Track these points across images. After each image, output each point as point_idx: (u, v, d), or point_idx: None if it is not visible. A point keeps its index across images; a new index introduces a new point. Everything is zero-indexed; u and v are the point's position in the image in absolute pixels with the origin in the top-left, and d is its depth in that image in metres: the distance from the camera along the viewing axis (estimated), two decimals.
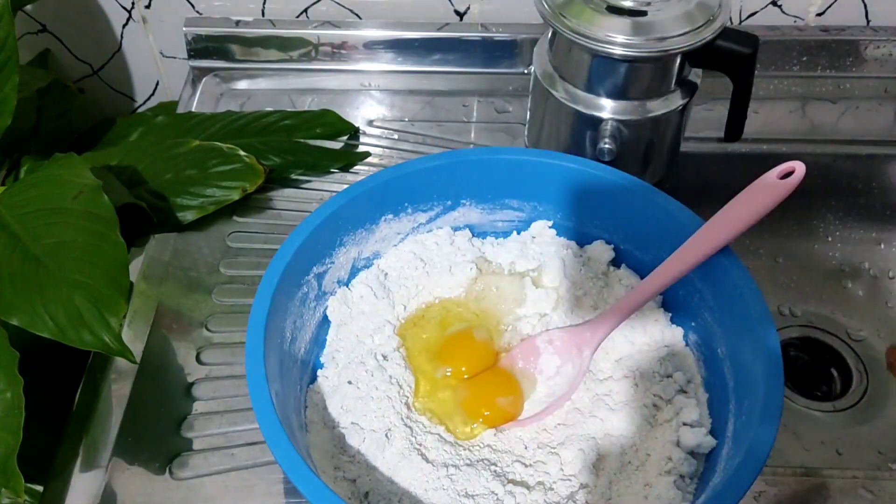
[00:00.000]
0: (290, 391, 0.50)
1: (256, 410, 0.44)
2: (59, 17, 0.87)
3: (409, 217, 0.59)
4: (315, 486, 0.41)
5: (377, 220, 0.58)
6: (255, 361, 0.46)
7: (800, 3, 0.81)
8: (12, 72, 0.66)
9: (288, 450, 0.43)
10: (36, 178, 0.62)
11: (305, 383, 0.54)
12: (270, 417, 0.44)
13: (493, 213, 0.61)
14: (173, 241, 0.68)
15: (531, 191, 0.59)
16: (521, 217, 0.61)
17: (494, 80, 0.83)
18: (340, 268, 0.57)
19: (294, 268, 0.52)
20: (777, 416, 0.44)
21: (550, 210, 0.60)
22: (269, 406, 0.44)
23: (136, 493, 0.53)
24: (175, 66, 0.90)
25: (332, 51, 0.83)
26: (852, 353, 0.68)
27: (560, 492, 0.48)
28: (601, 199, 0.57)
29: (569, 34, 0.60)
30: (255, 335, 0.47)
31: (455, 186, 0.59)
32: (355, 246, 0.57)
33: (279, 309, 0.50)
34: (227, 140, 0.72)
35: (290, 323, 0.52)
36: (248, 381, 0.45)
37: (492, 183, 0.59)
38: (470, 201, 0.60)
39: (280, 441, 0.43)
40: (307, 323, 0.55)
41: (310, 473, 0.42)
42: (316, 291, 0.55)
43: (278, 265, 0.51)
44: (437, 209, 0.60)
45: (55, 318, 0.53)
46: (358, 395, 0.52)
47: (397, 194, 0.58)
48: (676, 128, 0.66)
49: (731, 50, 0.61)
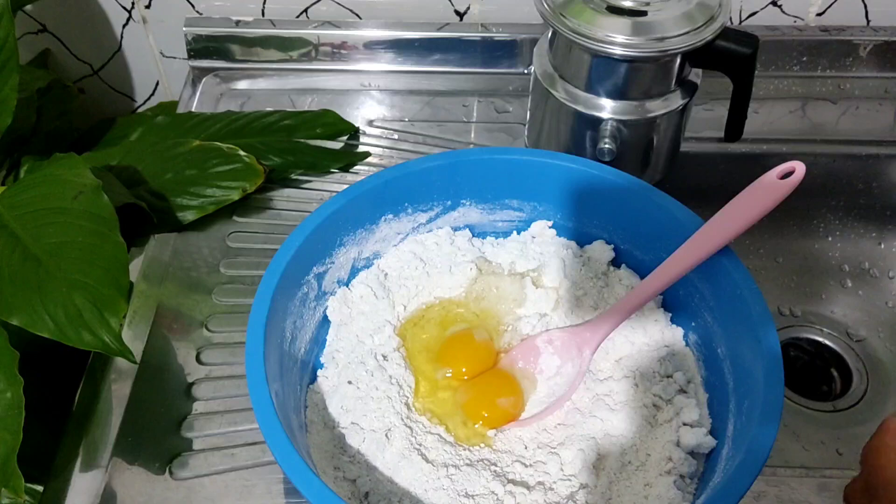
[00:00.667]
0: (290, 391, 0.50)
1: (256, 410, 0.44)
2: (59, 17, 0.87)
3: (409, 217, 0.59)
4: (315, 487, 0.41)
5: (377, 220, 0.58)
6: (255, 361, 0.46)
7: (800, 3, 0.81)
8: (12, 72, 0.66)
9: (288, 450, 0.43)
10: (36, 178, 0.62)
11: (305, 383, 0.54)
12: (270, 417, 0.44)
13: (494, 214, 0.61)
14: (173, 241, 0.68)
15: (531, 191, 0.59)
16: (521, 217, 0.61)
17: (494, 80, 0.83)
18: (340, 268, 0.57)
19: (294, 268, 0.52)
20: (777, 416, 0.44)
21: (550, 210, 0.60)
22: (270, 406, 0.44)
23: (136, 493, 0.53)
24: (175, 66, 0.90)
25: (332, 51, 0.83)
26: (852, 353, 0.68)
27: (560, 492, 0.48)
28: (601, 199, 0.57)
29: (569, 34, 0.60)
30: (255, 335, 0.47)
31: (455, 186, 0.59)
32: (355, 246, 0.57)
33: (279, 309, 0.50)
34: (227, 140, 0.72)
35: (290, 323, 0.52)
36: (248, 381, 0.45)
37: (492, 183, 0.59)
38: (470, 201, 0.60)
39: (280, 441, 0.43)
40: (307, 323, 0.55)
41: (310, 473, 0.42)
42: (316, 291, 0.55)
43: (278, 265, 0.51)
44: (437, 209, 0.60)
45: (55, 318, 0.53)
46: (358, 395, 0.52)
47: (397, 194, 0.58)
48: (676, 128, 0.66)
49: (731, 50, 0.61)
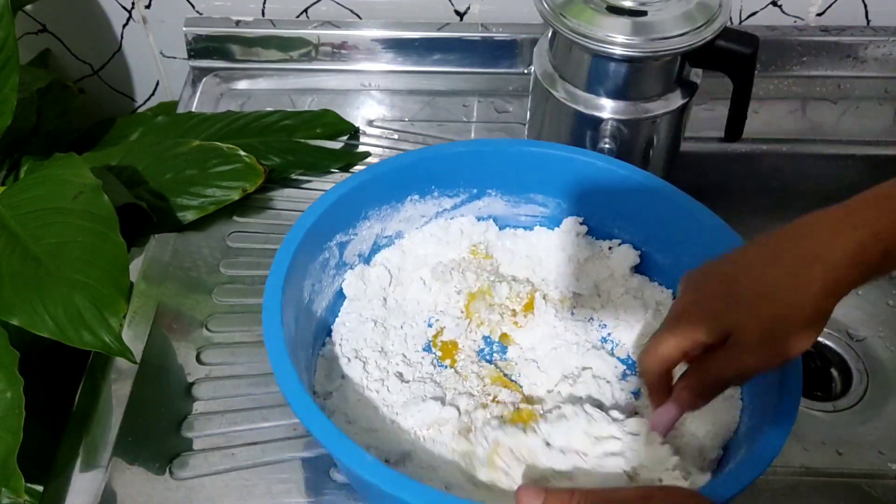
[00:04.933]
0: (301, 348, 0.51)
1: (269, 345, 0.45)
2: (59, 17, 0.87)
3: (434, 201, 0.60)
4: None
5: (403, 200, 0.59)
6: (272, 304, 0.47)
7: (800, 3, 0.81)
8: (12, 72, 0.66)
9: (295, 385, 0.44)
10: (36, 178, 0.62)
11: (317, 348, 0.55)
12: (280, 350, 0.45)
13: (518, 207, 0.62)
14: (173, 241, 0.68)
15: (556, 186, 0.60)
16: (544, 213, 0.62)
17: (494, 80, 0.83)
18: (363, 241, 0.58)
19: (318, 230, 0.53)
20: (791, 419, 0.44)
21: (574, 207, 0.60)
22: (281, 341, 0.45)
23: (136, 493, 0.53)
24: (175, 66, 0.90)
25: (332, 51, 0.83)
26: (852, 353, 0.68)
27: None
28: (626, 200, 0.57)
29: (569, 34, 0.60)
30: (274, 284, 0.48)
31: (482, 175, 0.60)
32: (379, 222, 0.58)
33: (300, 266, 0.51)
34: (227, 140, 0.72)
35: (308, 284, 0.53)
36: (263, 323, 0.46)
37: (518, 174, 0.60)
38: (496, 192, 0.61)
39: (287, 374, 0.44)
40: (325, 289, 0.56)
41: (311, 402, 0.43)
42: (337, 259, 0.56)
43: (303, 224, 0.52)
44: (463, 196, 0.61)
45: (55, 318, 0.53)
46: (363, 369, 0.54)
47: (425, 176, 0.59)
48: (676, 128, 0.66)
49: (731, 50, 0.60)
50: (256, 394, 0.57)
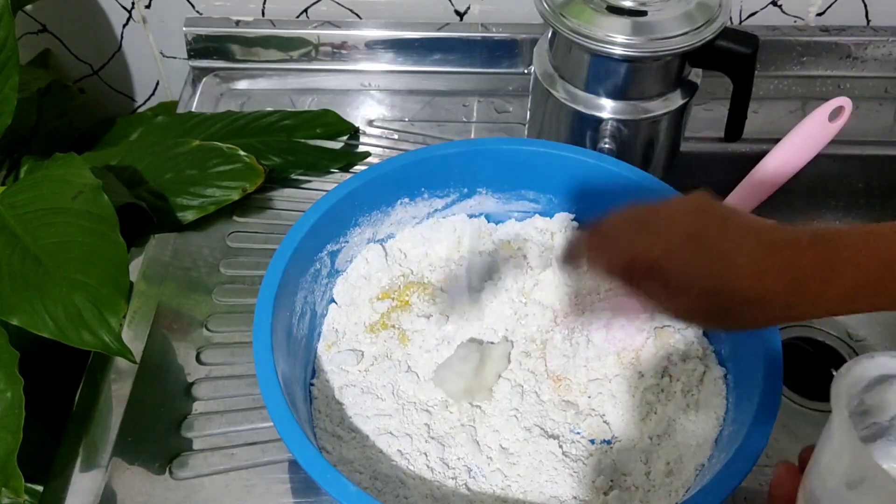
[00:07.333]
0: (298, 364, 0.52)
1: (260, 377, 0.45)
2: (59, 17, 0.87)
3: (425, 202, 0.60)
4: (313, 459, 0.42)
5: (393, 203, 0.59)
6: (262, 331, 0.47)
7: (800, 3, 0.81)
8: (12, 72, 0.66)
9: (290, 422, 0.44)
10: (36, 178, 0.62)
11: (312, 358, 0.55)
12: (274, 389, 0.45)
13: (509, 203, 0.62)
14: (173, 241, 0.68)
15: (548, 183, 0.60)
16: (536, 209, 0.62)
17: (494, 80, 0.83)
18: (354, 247, 0.58)
19: (308, 244, 0.53)
20: (772, 417, 0.44)
21: (565, 203, 0.61)
22: (273, 376, 0.45)
23: (136, 493, 0.53)
24: (175, 66, 0.90)
25: (332, 51, 0.83)
26: (852, 353, 0.68)
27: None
28: (617, 197, 0.57)
29: (569, 34, 0.60)
30: (264, 306, 0.48)
31: (472, 174, 0.60)
32: (370, 227, 0.59)
33: (290, 283, 0.51)
34: (227, 140, 0.72)
35: (300, 297, 0.53)
36: (254, 353, 0.46)
37: (509, 173, 0.60)
38: (486, 190, 0.61)
39: (283, 414, 0.44)
40: (318, 300, 0.56)
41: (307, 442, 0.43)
42: (328, 269, 0.56)
43: (292, 240, 0.51)
44: (454, 196, 0.61)
45: (55, 318, 0.53)
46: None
47: (415, 178, 0.58)
48: (676, 128, 0.66)
49: (731, 50, 0.60)
50: (256, 394, 0.57)
